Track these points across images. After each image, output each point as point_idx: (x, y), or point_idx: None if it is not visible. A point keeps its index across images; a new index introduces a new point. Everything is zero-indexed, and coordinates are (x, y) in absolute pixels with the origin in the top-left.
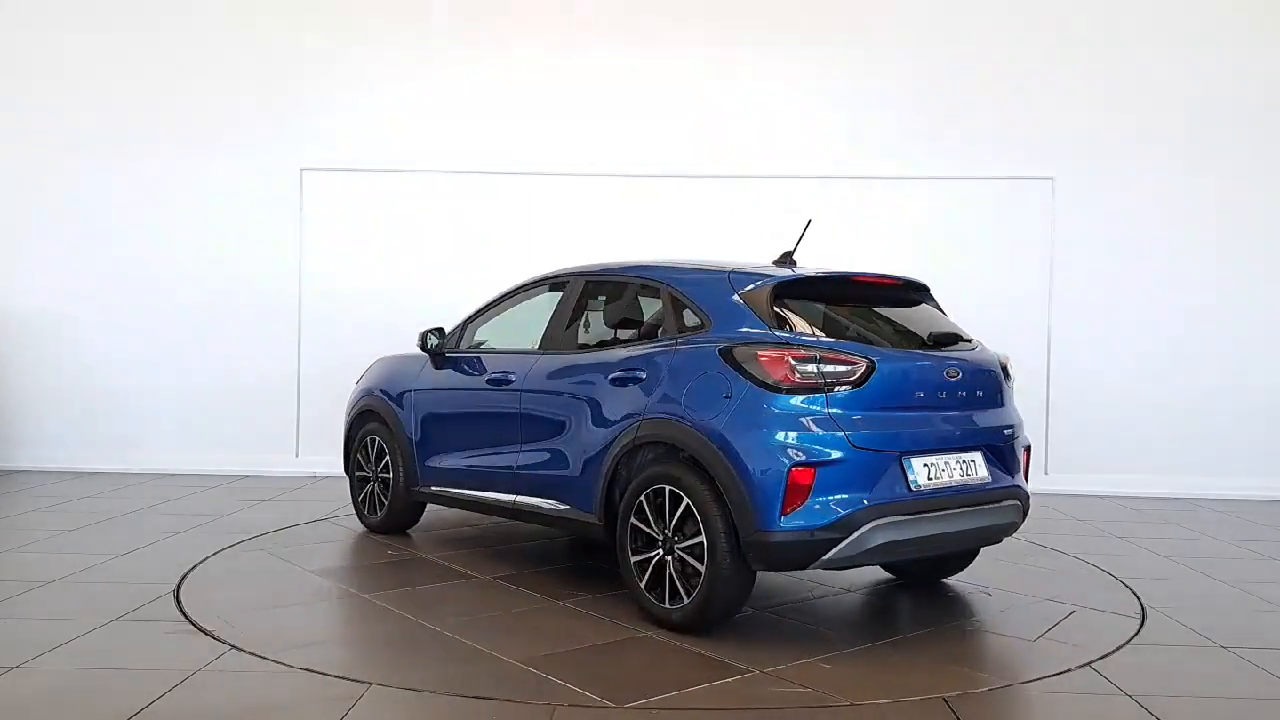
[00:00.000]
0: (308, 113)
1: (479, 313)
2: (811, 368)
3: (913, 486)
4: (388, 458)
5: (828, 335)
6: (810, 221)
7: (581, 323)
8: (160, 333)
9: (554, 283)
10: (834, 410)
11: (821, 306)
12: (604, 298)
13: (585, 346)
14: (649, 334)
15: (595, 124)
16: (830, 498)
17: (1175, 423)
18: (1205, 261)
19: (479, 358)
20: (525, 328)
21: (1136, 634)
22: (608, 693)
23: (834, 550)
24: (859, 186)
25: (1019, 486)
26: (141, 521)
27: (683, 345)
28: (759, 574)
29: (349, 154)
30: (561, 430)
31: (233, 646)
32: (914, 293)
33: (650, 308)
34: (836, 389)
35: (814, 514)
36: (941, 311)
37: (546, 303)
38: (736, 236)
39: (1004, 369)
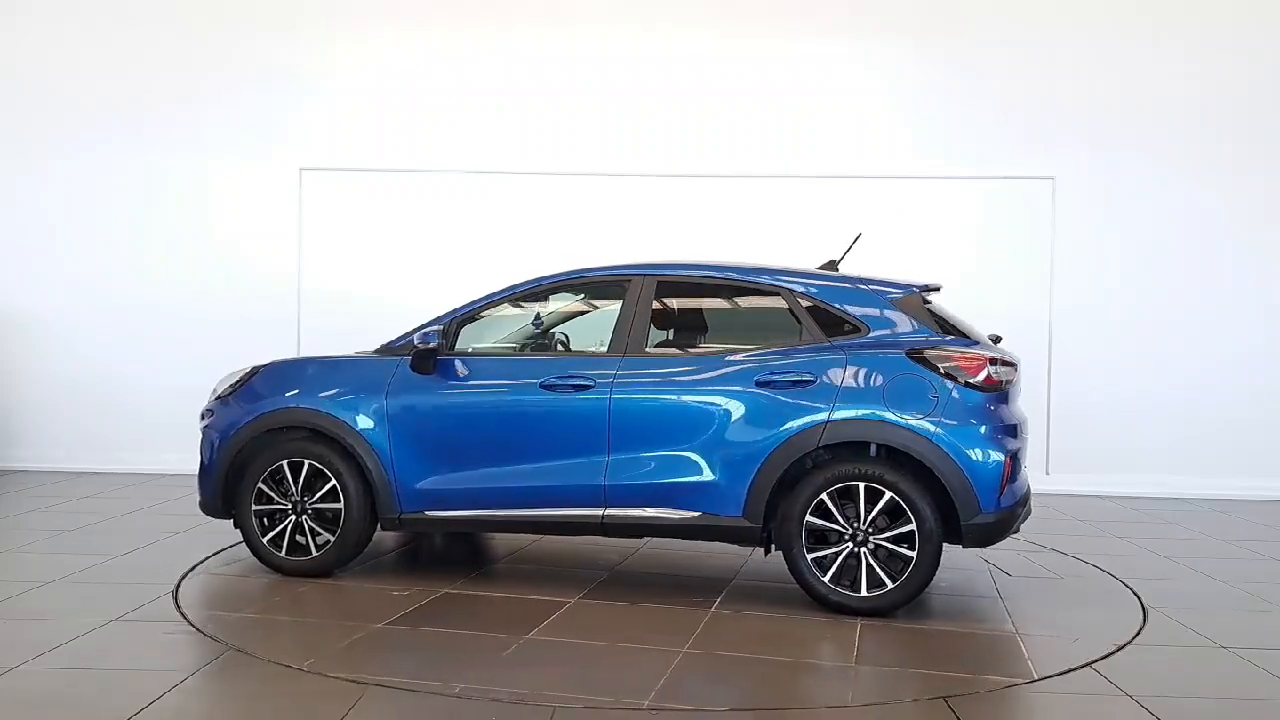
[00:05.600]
0: (308, 113)
1: (469, 313)
2: (998, 369)
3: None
4: (333, 483)
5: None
6: (860, 235)
7: (673, 326)
8: (160, 332)
9: (590, 282)
10: (1011, 405)
11: (929, 311)
12: (690, 300)
13: (685, 350)
14: (772, 338)
15: (596, 124)
16: (1018, 479)
17: (1175, 423)
18: (1206, 261)
19: (515, 361)
20: (548, 327)
21: (1137, 634)
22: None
23: (1018, 523)
24: (858, 186)
25: None
26: (141, 521)
27: (855, 348)
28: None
29: (349, 154)
30: (686, 436)
31: (232, 646)
32: None
33: (761, 311)
34: (1007, 385)
35: (1013, 495)
36: None
37: (575, 302)
38: (735, 237)
39: None
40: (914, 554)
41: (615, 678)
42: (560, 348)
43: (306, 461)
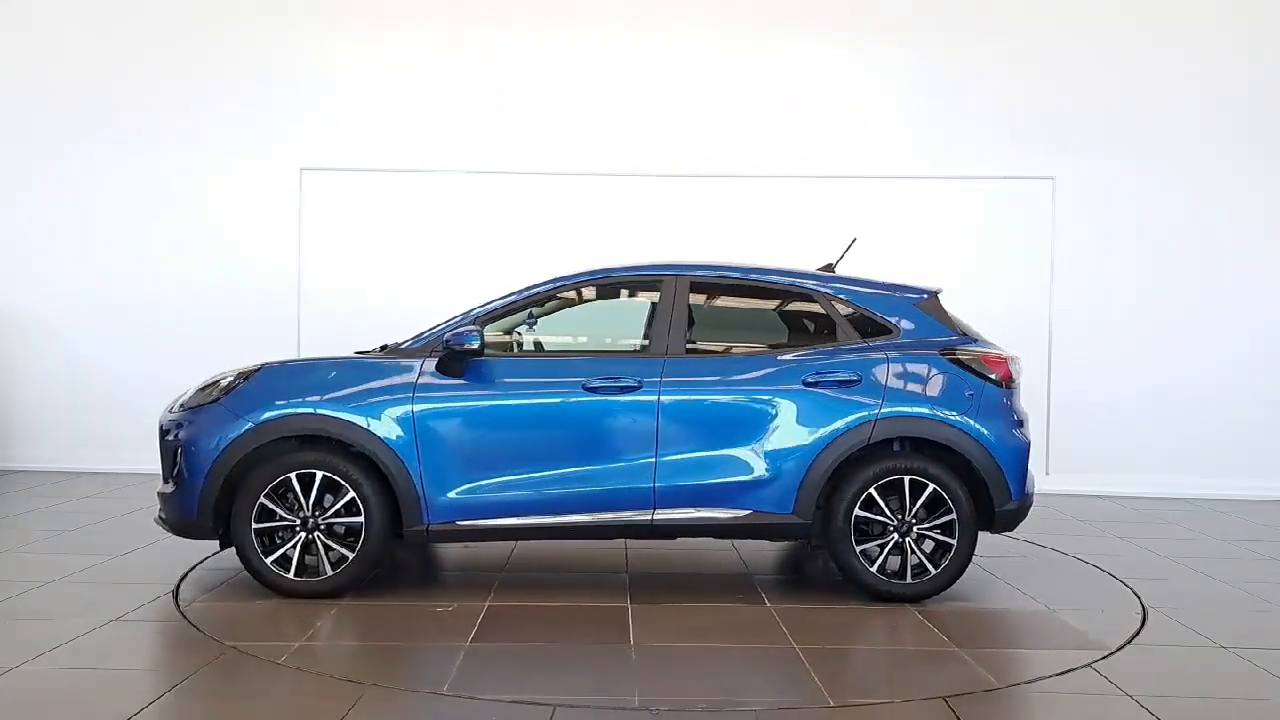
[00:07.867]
0: (308, 113)
1: (489, 313)
2: (1015, 367)
3: None
4: (351, 495)
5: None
6: (855, 240)
7: (707, 326)
8: (160, 332)
9: (616, 282)
10: (1020, 399)
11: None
12: (724, 301)
13: (721, 350)
14: (808, 339)
15: (596, 124)
16: (1029, 469)
17: (1175, 422)
18: (1206, 261)
19: (553, 362)
20: (575, 326)
21: (1136, 634)
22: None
23: (1030, 510)
24: (858, 186)
25: None
26: (141, 521)
27: (894, 349)
28: None
29: (349, 154)
30: (737, 436)
31: (231, 647)
32: None
33: (795, 313)
34: (1018, 383)
35: (1030, 482)
36: None
37: (606, 302)
38: (735, 237)
39: None
40: (954, 541)
41: (771, 678)
42: (582, 348)
43: (319, 473)
